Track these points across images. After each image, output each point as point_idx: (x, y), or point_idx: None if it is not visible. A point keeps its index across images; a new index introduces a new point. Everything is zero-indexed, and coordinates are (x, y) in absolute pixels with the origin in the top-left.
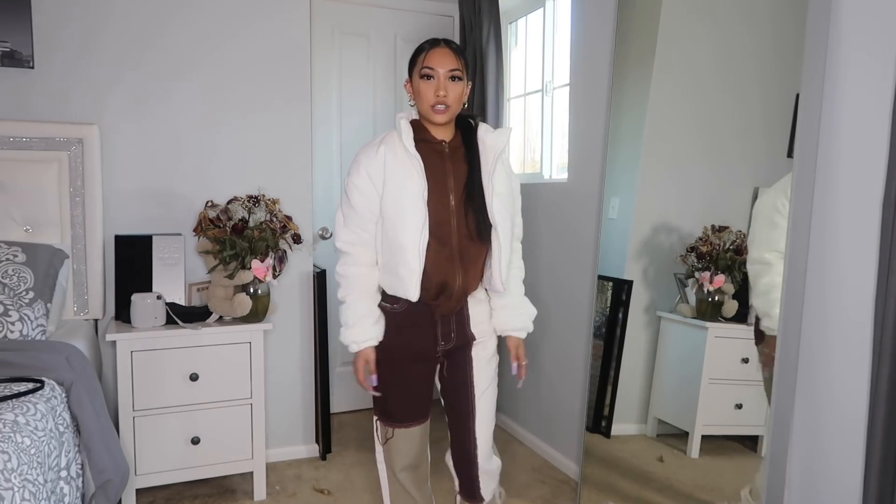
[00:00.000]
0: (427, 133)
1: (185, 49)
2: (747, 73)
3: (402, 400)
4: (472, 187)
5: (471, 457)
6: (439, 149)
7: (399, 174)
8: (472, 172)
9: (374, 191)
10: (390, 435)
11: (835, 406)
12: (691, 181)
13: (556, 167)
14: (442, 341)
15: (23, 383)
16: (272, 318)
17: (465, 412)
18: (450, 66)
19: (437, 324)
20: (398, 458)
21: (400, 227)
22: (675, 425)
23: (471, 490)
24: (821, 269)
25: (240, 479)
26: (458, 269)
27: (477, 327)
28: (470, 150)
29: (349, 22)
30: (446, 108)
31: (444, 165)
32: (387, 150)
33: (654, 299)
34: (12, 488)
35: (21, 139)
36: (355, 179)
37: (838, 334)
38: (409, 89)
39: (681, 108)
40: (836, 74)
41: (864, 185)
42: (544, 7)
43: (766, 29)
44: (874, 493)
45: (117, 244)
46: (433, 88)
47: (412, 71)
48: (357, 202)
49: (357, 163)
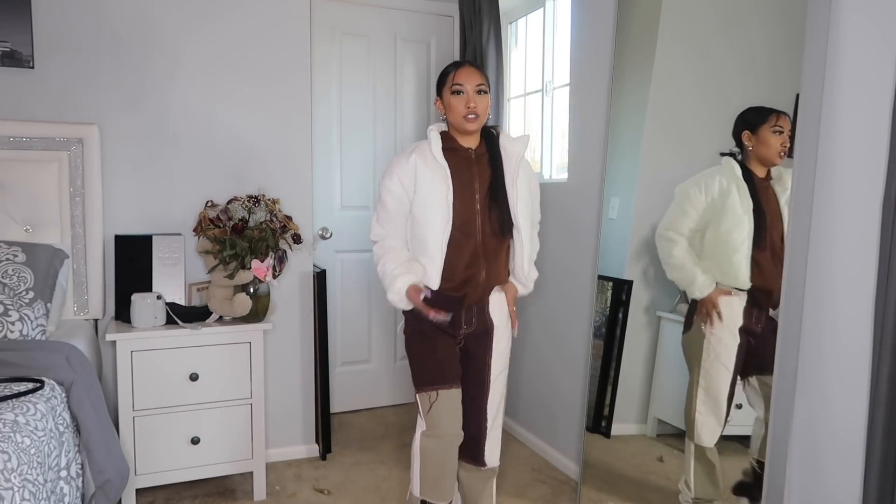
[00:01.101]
0: (455, 142)
1: (185, 49)
2: (747, 73)
3: (439, 363)
4: (495, 189)
5: (481, 429)
6: (466, 155)
7: (428, 179)
8: (496, 176)
9: (405, 194)
10: (435, 398)
11: (835, 406)
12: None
13: (556, 167)
14: (464, 325)
15: (23, 383)
16: (272, 318)
17: (480, 391)
18: (476, 81)
19: (460, 310)
20: (444, 422)
21: (425, 226)
22: (675, 425)
23: (475, 456)
24: (821, 268)
25: (240, 479)
26: (482, 262)
27: (496, 315)
28: (494, 157)
29: (349, 22)
30: (476, 117)
31: (470, 170)
32: (418, 157)
33: (654, 299)
34: (12, 488)
35: (21, 139)
36: (388, 183)
37: (838, 334)
38: (440, 106)
39: (681, 108)
40: (836, 74)
41: (864, 185)
42: (544, 7)
43: (766, 29)
44: (874, 493)
45: (117, 244)
46: (464, 101)
47: (442, 89)
48: (389, 203)
49: (391, 169)
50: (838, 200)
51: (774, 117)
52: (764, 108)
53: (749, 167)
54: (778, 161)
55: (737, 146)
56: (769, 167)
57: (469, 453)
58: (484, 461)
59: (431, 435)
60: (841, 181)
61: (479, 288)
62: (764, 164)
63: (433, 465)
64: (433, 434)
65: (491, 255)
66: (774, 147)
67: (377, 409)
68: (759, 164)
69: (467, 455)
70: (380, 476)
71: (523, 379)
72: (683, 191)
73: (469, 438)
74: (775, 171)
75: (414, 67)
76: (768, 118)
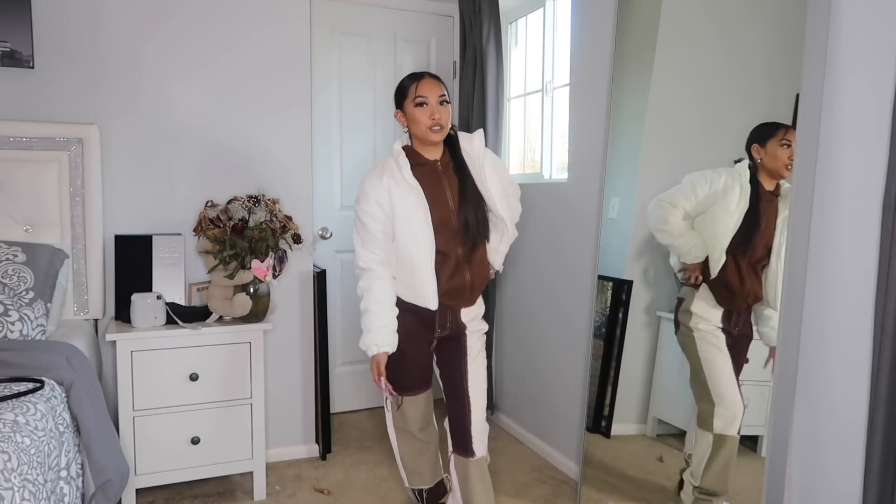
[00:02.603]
0: (421, 157)
1: (185, 49)
2: (747, 73)
3: (405, 373)
4: (464, 193)
5: (465, 412)
6: (433, 168)
7: (404, 202)
8: (464, 182)
9: (385, 216)
10: (400, 402)
11: (834, 406)
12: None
13: (556, 167)
14: (438, 329)
15: (23, 383)
16: (272, 318)
17: (459, 375)
18: (439, 92)
19: (435, 317)
20: (409, 421)
21: (413, 249)
22: (674, 425)
23: (464, 445)
24: (820, 269)
25: (240, 479)
26: (465, 268)
27: (467, 316)
28: (459, 162)
29: (349, 22)
30: (441, 128)
31: (440, 183)
32: (390, 180)
33: (654, 299)
34: (12, 488)
35: (21, 139)
36: (366, 206)
37: (838, 335)
38: (402, 119)
39: (681, 108)
40: (836, 74)
41: (864, 185)
42: (544, 7)
43: (765, 29)
44: (874, 493)
45: (117, 244)
46: (428, 113)
47: (402, 101)
48: (371, 226)
49: (364, 192)
50: (838, 201)
51: (783, 131)
52: (774, 122)
53: (758, 178)
54: (785, 173)
55: (749, 158)
56: (778, 180)
57: (458, 444)
58: (473, 451)
59: (399, 427)
60: (841, 181)
61: (467, 291)
62: (772, 177)
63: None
64: (400, 427)
65: (472, 259)
66: (782, 160)
67: (377, 409)
68: (769, 176)
69: (457, 446)
70: (380, 476)
71: (523, 379)
72: (691, 178)
73: (455, 429)
74: (785, 188)
75: (414, 67)
76: (776, 132)
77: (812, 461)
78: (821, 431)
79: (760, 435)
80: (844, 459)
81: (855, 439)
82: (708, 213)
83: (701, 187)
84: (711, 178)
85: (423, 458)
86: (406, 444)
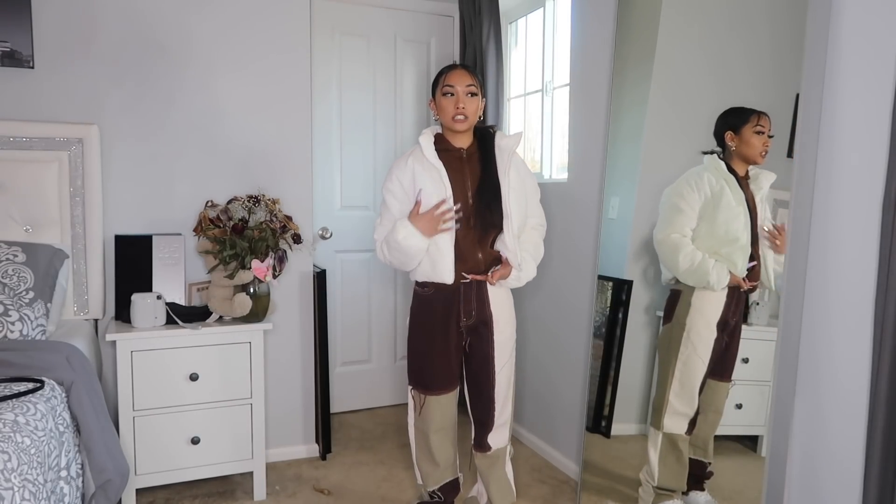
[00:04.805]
0: (447, 143)
1: (185, 49)
2: (747, 73)
3: (435, 369)
4: (483, 184)
5: (489, 419)
6: (458, 155)
7: (427, 181)
8: (486, 173)
9: (405, 195)
10: (423, 401)
11: (835, 406)
12: None
13: (556, 167)
14: (464, 317)
15: (23, 383)
16: (272, 318)
17: (487, 383)
18: (467, 82)
19: (460, 302)
20: (431, 423)
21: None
22: None
23: (480, 443)
24: (821, 269)
25: (240, 479)
26: (477, 249)
27: (495, 307)
28: (485, 154)
29: (349, 22)
30: (465, 118)
31: (462, 169)
32: (415, 161)
33: (654, 299)
34: (12, 488)
35: (21, 139)
36: (389, 185)
37: (838, 334)
38: (434, 107)
39: (681, 108)
40: (836, 74)
41: (864, 185)
42: (544, 7)
43: (765, 29)
44: (874, 493)
45: (117, 244)
46: (454, 102)
47: (435, 91)
48: (390, 203)
49: (390, 172)
50: (838, 201)
51: (756, 117)
52: (745, 108)
53: (732, 165)
54: (760, 160)
55: (718, 145)
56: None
57: (476, 441)
58: (489, 446)
59: (421, 427)
60: (841, 181)
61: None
62: (746, 163)
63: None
64: (422, 427)
65: (483, 242)
66: (757, 147)
67: (377, 409)
68: (742, 162)
69: (475, 443)
70: (380, 476)
71: (523, 379)
72: (674, 192)
73: (477, 427)
74: (752, 171)
75: (414, 67)
76: (749, 118)
77: (812, 461)
78: (821, 431)
79: (760, 435)
80: (845, 458)
81: (855, 438)
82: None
83: (691, 197)
84: (696, 183)
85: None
86: (423, 446)
